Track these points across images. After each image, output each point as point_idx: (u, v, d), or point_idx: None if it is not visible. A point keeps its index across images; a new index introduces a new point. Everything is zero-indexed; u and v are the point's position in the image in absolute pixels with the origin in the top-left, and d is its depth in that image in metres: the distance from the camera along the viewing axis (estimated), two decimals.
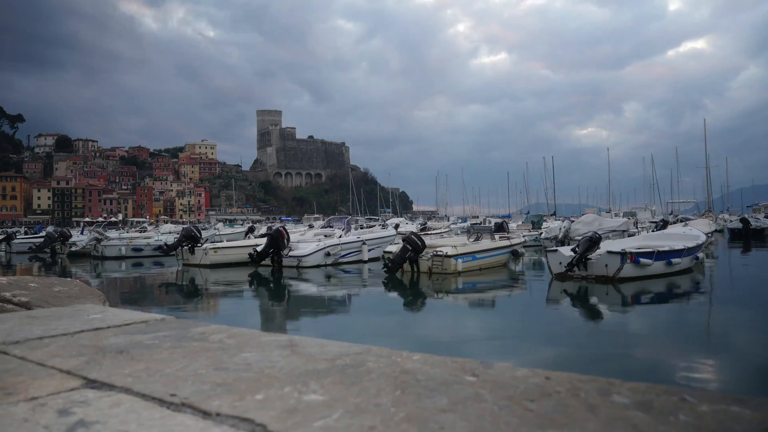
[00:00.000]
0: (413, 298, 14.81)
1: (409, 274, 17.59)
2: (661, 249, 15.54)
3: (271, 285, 17.79)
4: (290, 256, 20.66)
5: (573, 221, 33.89)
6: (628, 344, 8.72)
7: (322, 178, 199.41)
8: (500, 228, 23.71)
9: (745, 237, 37.37)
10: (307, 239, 23.84)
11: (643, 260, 14.73)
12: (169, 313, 3.10)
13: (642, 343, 8.83)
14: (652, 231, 25.09)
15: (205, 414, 1.12)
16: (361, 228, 33.75)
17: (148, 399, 1.23)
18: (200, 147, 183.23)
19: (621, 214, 45.21)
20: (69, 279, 5.01)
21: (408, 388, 1.24)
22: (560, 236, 29.28)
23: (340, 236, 23.30)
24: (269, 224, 45.22)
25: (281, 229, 21.47)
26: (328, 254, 21.49)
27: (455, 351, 7.89)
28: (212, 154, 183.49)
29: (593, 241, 14.93)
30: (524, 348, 8.39)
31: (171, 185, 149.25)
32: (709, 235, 27.21)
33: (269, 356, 1.59)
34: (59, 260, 30.25)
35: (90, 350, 1.74)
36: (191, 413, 1.13)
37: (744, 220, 42.06)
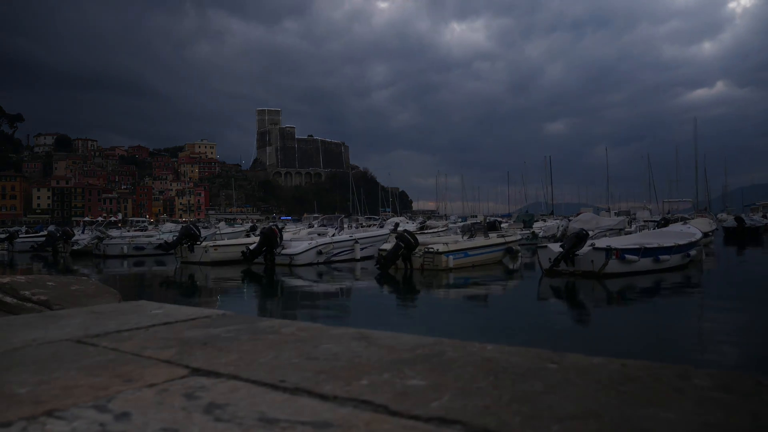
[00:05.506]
0: (405, 293, 15.32)
1: (402, 270, 18.00)
2: (648, 246, 15.87)
3: (264, 281, 18.32)
4: (282, 254, 21.01)
5: (571, 220, 34.37)
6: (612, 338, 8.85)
7: (321, 178, 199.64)
8: (493, 227, 24.12)
9: (739, 236, 37.94)
10: (300, 237, 24.23)
11: (629, 257, 15.13)
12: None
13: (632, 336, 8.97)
14: (654, 229, 25.46)
15: (323, 397, 1.22)
16: (362, 227, 34.10)
17: (260, 385, 1.33)
18: (200, 146, 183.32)
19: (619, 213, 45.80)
20: (85, 278, 5.12)
21: (500, 374, 1.34)
22: (558, 235, 29.71)
23: (333, 235, 23.68)
24: (271, 224, 45.48)
25: (274, 227, 21.99)
26: (319, 252, 21.82)
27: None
28: (212, 153, 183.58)
29: (580, 237, 15.41)
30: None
31: (171, 185, 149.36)
32: (710, 234, 27.55)
33: (350, 347, 1.69)
34: (61, 259, 30.39)
35: (174, 342, 1.84)
36: (308, 397, 1.24)
37: (738, 219, 42.65)
